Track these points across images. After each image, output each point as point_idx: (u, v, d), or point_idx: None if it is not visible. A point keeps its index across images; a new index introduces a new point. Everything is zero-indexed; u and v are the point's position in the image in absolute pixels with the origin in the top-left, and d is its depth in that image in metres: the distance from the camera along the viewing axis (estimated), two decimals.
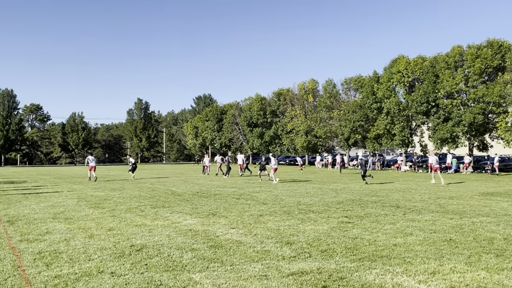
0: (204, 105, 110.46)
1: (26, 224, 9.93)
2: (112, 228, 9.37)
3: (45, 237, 8.42)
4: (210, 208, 12.79)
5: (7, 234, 8.77)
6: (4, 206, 13.42)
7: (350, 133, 49.06)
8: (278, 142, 65.54)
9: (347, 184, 23.09)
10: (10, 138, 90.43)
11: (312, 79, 59.00)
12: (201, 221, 10.35)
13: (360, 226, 9.70)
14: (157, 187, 21.43)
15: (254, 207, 13.01)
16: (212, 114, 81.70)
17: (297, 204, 13.78)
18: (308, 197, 16.23)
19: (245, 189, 19.93)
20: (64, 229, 9.26)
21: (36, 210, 12.41)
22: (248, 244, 7.75)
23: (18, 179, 29.66)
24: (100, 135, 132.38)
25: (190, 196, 16.63)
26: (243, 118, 69.80)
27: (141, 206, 13.47)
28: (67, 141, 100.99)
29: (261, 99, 67.78)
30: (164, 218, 10.84)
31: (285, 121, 62.60)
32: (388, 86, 44.14)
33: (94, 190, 19.62)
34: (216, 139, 79.86)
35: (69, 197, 16.41)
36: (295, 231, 9.10)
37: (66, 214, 11.57)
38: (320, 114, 54.40)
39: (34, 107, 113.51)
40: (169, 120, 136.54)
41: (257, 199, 15.30)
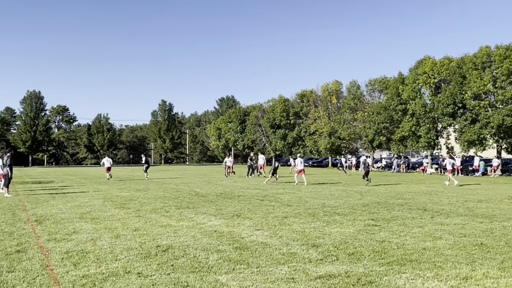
0: (227, 107, 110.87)
1: (53, 224, 10.05)
2: (138, 229, 9.42)
3: (72, 236, 8.51)
4: (234, 210, 12.76)
5: (35, 233, 8.89)
6: (32, 206, 13.64)
7: (375, 135, 48.56)
8: (301, 143, 65.30)
9: (371, 186, 22.82)
10: (37, 139, 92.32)
11: (336, 81, 58.65)
12: (225, 222, 10.32)
13: (387, 229, 9.53)
14: (181, 188, 21.53)
15: (278, 209, 12.94)
16: (235, 116, 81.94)
17: (322, 206, 13.65)
18: (332, 199, 16.07)
19: (268, 190, 19.86)
20: (90, 229, 9.35)
21: (63, 210, 12.58)
22: (273, 246, 7.68)
23: (45, 179, 30.20)
24: (125, 136, 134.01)
25: (214, 197, 16.65)
26: (266, 119, 69.80)
27: (166, 206, 13.53)
28: (92, 142, 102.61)
29: (284, 100, 67.69)
30: (189, 219, 10.85)
31: (308, 123, 62.34)
32: (413, 87, 43.50)
33: (120, 190, 19.82)
34: (239, 140, 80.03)
35: (95, 197, 16.60)
36: (321, 233, 8.99)
37: (92, 214, 11.69)
38: (344, 115, 54.00)
39: (60, 109, 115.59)
40: (192, 122, 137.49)
41: (281, 201, 15.22)
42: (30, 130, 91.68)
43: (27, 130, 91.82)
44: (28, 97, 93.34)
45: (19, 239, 8.21)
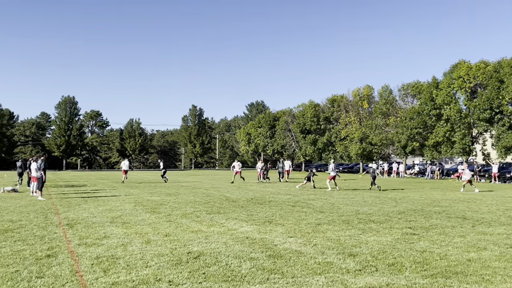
0: (256, 112, 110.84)
1: (84, 228, 10.00)
2: (169, 234, 9.25)
3: (103, 241, 8.40)
4: (265, 215, 12.49)
5: (66, 237, 8.82)
6: (64, 209, 13.69)
7: (407, 141, 47.54)
8: (331, 149, 64.54)
9: (406, 193, 22.19)
10: (71, 143, 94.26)
11: (367, 85, 57.73)
12: (257, 229, 10.06)
13: (426, 238, 9.09)
14: (212, 192, 21.39)
15: (311, 215, 12.60)
16: (264, 121, 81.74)
17: (356, 213, 13.25)
18: (366, 206, 15.62)
19: (299, 196, 19.53)
20: (121, 234, 9.23)
21: (95, 214, 12.56)
22: (308, 255, 7.37)
23: (78, 183, 30.61)
24: (156, 141, 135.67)
25: (245, 202, 16.42)
26: (296, 124, 69.33)
27: (196, 211, 13.37)
28: (124, 147, 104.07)
29: (315, 105, 67.08)
30: (220, 225, 10.64)
31: (339, 128, 61.56)
32: (448, 92, 42.40)
33: (150, 194, 19.82)
34: (269, 145, 79.74)
35: (126, 201, 16.60)
36: (357, 242, 8.64)
37: (123, 219, 11.62)
38: (376, 120, 53.08)
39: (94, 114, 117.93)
40: (222, 127, 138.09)
41: (313, 207, 14.87)
42: (64, 134, 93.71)
43: (61, 135, 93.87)
44: (63, 102, 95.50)
45: (50, 243, 8.15)
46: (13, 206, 14.72)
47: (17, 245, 7.95)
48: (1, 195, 18.98)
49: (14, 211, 13.26)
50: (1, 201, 16.28)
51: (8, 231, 9.49)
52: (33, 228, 9.97)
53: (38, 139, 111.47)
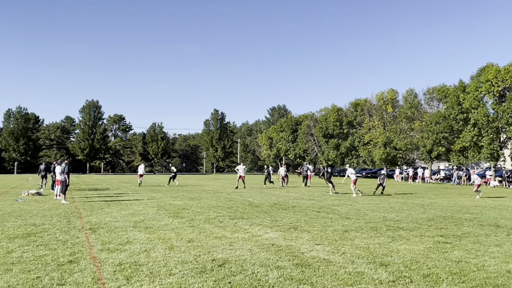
0: (278, 116, 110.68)
1: (107, 233, 9.86)
2: (192, 240, 9.03)
3: (126, 247, 8.22)
4: (290, 221, 12.19)
5: (88, 242, 8.68)
6: (87, 213, 13.62)
7: (433, 145, 46.63)
8: (354, 153, 63.85)
9: (433, 200, 21.60)
10: (95, 146, 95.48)
11: (391, 89, 56.97)
12: (282, 235, 9.78)
13: (460, 247, 8.68)
14: (234, 197, 21.17)
15: (337, 222, 12.26)
16: (286, 125, 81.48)
17: (383, 220, 12.84)
18: (393, 212, 15.18)
19: (323, 201, 19.16)
20: (144, 239, 9.05)
21: (117, 218, 12.44)
22: (337, 264, 7.05)
23: (101, 186, 30.76)
24: (178, 145, 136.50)
25: (268, 207, 16.14)
26: (318, 129, 68.84)
27: (219, 216, 13.15)
28: (147, 150, 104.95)
29: (337, 109, 66.53)
30: (244, 231, 10.39)
31: (362, 132, 60.87)
32: (475, 96, 41.44)
33: (173, 198, 19.69)
34: (291, 150, 79.37)
35: (149, 205, 16.49)
36: (388, 250, 8.28)
37: (146, 223, 11.46)
38: (400, 125, 52.24)
39: (117, 118, 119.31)
40: (243, 131, 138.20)
41: (338, 213, 14.51)
42: (88, 138, 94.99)
43: (85, 138, 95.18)
44: (87, 106, 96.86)
45: (72, 248, 8.00)
46: (36, 209, 14.73)
47: (39, 250, 7.83)
48: (26, 198, 19.10)
49: (38, 214, 13.24)
50: (25, 204, 16.35)
51: (31, 235, 9.41)
52: (56, 232, 9.87)
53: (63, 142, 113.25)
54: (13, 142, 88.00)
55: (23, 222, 11.50)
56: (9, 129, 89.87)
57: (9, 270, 6.40)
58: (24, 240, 8.81)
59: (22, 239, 8.98)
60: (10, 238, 9.09)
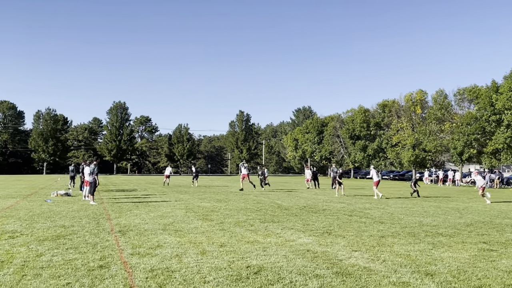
0: (303, 117, 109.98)
1: (137, 236, 9.64)
2: (224, 244, 8.74)
3: (157, 251, 7.97)
4: (323, 225, 11.79)
5: (118, 245, 8.47)
6: (116, 215, 13.48)
7: (464, 147, 45.41)
8: (382, 155, 62.82)
9: (467, 203, 20.86)
10: (122, 147, 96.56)
11: (420, 90, 55.82)
12: (317, 240, 9.40)
13: (507, 255, 8.16)
14: (262, 199, 20.85)
15: (371, 226, 11.80)
16: (312, 126, 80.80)
17: (420, 225, 12.32)
18: (428, 216, 14.61)
19: (354, 204, 18.67)
20: (175, 243, 8.80)
21: (146, 220, 12.26)
22: (380, 273, 6.64)
23: (128, 187, 30.84)
24: (203, 146, 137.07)
25: (298, 210, 15.76)
26: (344, 130, 68.00)
27: (249, 220, 12.84)
28: (173, 152, 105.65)
29: (364, 111, 65.59)
30: (276, 235, 10.04)
31: (390, 134, 59.83)
32: (509, 97, 40.15)
33: (201, 200, 19.49)
34: (316, 151, 78.66)
35: (177, 207, 16.31)
36: (430, 258, 7.82)
37: (175, 226, 11.23)
38: (430, 126, 51.08)
39: (143, 119, 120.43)
40: (268, 133, 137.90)
41: (371, 217, 14.03)
42: (115, 139, 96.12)
43: (112, 139, 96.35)
44: (114, 107, 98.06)
45: (103, 252, 7.79)
46: (65, 210, 14.69)
47: (69, 254, 7.64)
48: (54, 199, 19.16)
49: (67, 216, 13.17)
50: (55, 205, 16.35)
51: (61, 238, 9.26)
52: (85, 234, 9.71)
53: (90, 143, 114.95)
54: (42, 143, 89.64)
55: (52, 223, 11.41)
56: (39, 130, 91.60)
57: (38, 275, 6.20)
58: (53, 243, 8.66)
59: (51, 241, 8.84)
60: (40, 240, 8.96)
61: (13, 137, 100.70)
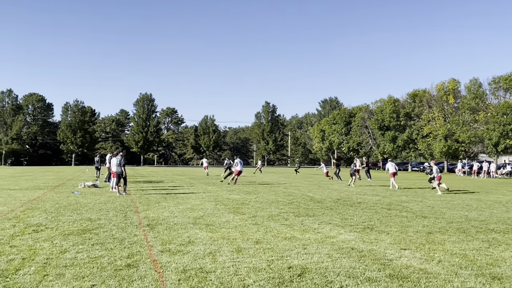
0: (330, 108, 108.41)
1: (166, 230, 9.07)
2: (260, 241, 8.08)
3: (188, 248, 7.36)
4: (362, 220, 11.03)
5: (147, 241, 7.90)
6: (143, 207, 12.98)
7: (500, 138, 43.73)
8: (412, 146, 61.23)
9: (509, 196, 19.75)
10: (148, 139, 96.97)
11: (453, 79, 54.07)
12: (359, 237, 8.66)
13: None
14: (292, 191, 20.15)
15: (414, 221, 10.98)
16: (340, 117, 79.44)
17: (466, 220, 11.44)
18: (472, 210, 13.68)
19: (389, 197, 17.81)
20: (207, 239, 8.19)
21: (175, 213, 11.70)
22: (439, 276, 5.89)
23: (155, 179, 30.53)
24: (229, 137, 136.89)
25: (332, 203, 15.01)
26: (373, 121, 66.53)
27: (283, 213, 12.16)
28: (199, 143, 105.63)
29: (394, 101, 63.97)
30: (314, 230, 9.34)
31: (421, 124, 58.22)
32: None
33: (230, 192, 18.90)
34: (344, 143, 77.38)
35: (206, 199, 15.75)
36: (491, 258, 7.01)
37: (206, 220, 10.63)
38: (463, 116, 49.39)
39: (170, 111, 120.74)
40: (293, 124, 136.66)
41: (411, 211, 13.19)
42: (142, 131, 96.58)
43: (139, 131, 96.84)
44: (141, 99, 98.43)
45: (130, 249, 7.23)
46: (92, 202, 14.27)
47: (95, 250, 7.10)
48: (82, 190, 18.85)
49: (93, 208, 12.72)
50: (81, 197, 15.99)
51: (86, 232, 8.75)
52: (112, 228, 9.19)
53: (118, 135, 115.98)
54: (70, 135, 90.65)
55: (78, 216, 10.95)
56: (67, 122, 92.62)
57: (61, 275, 5.66)
58: (79, 238, 8.15)
59: (77, 236, 8.34)
60: (65, 234, 8.47)
61: (42, 129, 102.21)
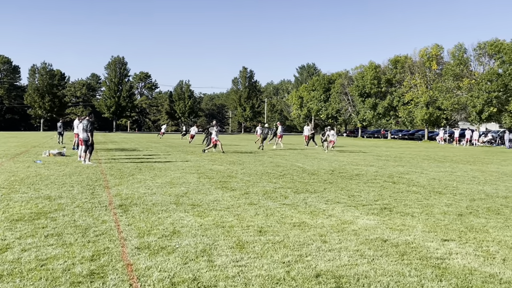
0: (307, 75, 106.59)
1: (143, 213, 7.30)
2: (263, 229, 6.38)
3: (173, 242, 5.61)
4: (373, 197, 9.45)
5: (119, 231, 6.11)
6: (115, 181, 11.10)
7: (484, 106, 42.84)
8: (393, 114, 60.20)
9: (506, 166, 18.59)
10: (121, 104, 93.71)
11: (436, 44, 52.72)
12: (382, 222, 7.07)
13: None
14: (279, 161, 18.52)
15: (432, 199, 9.47)
16: (318, 84, 77.76)
17: (488, 196, 10.01)
18: (483, 184, 12.31)
19: (385, 168, 16.39)
20: (196, 227, 6.45)
21: (153, 189, 9.90)
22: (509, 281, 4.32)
23: (129, 146, 28.51)
24: (204, 104, 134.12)
25: (329, 176, 13.42)
26: (354, 87, 65.03)
27: (278, 188, 10.49)
28: (174, 109, 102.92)
29: (375, 67, 62.42)
30: (324, 213, 7.71)
31: (402, 91, 57.04)
32: None
33: (212, 162, 17.12)
34: (323, 110, 76.00)
35: (186, 171, 13.95)
36: None
37: (191, 198, 8.88)
38: (446, 83, 48.28)
39: (143, 75, 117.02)
40: (270, 91, 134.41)
41: (419, 184, 11.73)
42: (114, 95, 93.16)
43: (111, 96, 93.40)
44: (113, 62, 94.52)
45: (96, 244, 5.42)
46: (55, 174, 12.33)
47: (48, 247, 5.27)
48: (45, 160, 16.78)
49: (56, 182, 10.79)
50: (44, 167, 14.00)
51: (41, 216, 6.90)
52: (75, 211, 7.36)
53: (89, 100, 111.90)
54: (38, 99, 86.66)
55: (35, 193, 9.05)
56: (34, 85, 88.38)
57: None
58: (30, 226, 6.29)
59: (28, 223, 6.48)
60: (13, 220, 6.60)
61: (9, 92, 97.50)
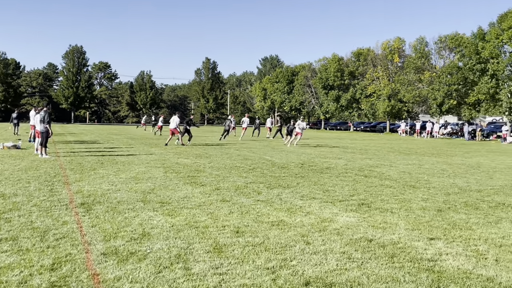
0: (270, 67, 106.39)
1: (108, 213, 6.73)
2: (240, 230, 5.95)
3: (144, 245, 5.10)
4: (348, 192, 9.18)
5: (82, 233, 5.55)
6: (76, 177, 10.40)
7: (444, 98, 43.66)
8: (356, 106, 60.73)
9: (469, 158, 18.81)
10: (79, 95, 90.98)
11: (398, 37, 53.40)
12: (363, 219, 6.77)
13: None
14: (247, 154, 18.11)
15: (407, 193, 9.28)
16: (282, 75, 77.66)
17: (461, 190, 9.90)
18: (453, 177, 12.26)
19: (354, 161, 16.24)
20: (167, 227, 5.95)
21: (117, 185, 9.30)
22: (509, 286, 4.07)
23: (89, 139, 27.45)
24: (166, 95, 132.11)
25: (299, 169, 13.12)
26: (317, 79, 65.20)
27: (250, 184, 10.07)
28: (135, 100, 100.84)
29: (338, 59, 62.74)
30: (301, 210, 7.35)
31: (365, 84, 57.56)
32: (495, 45, 38.14)
33: (177, 156, 16.52)
34: (286, 102, 76.01)
35: (151, 164, 13.34)
36: None
37: (159, 195, 8.35)
38: (408, 76, 48.97)
39: (102, 65, 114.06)
40: (232, 82, 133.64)
41: (391, 178, 11.57)
42: (72, 86, 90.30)
43: (69, 86, 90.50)
44: (71, 51, 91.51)
45: (56, 250, 4.85)
46: (10, 169, 11.50)
47: (0, 254, 4.67)
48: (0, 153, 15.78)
49: (10, 177, 10.01)
50: None
51: None
52: (32, 211, 6.72)
53: (45, 90, 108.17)
54: None
55: None
56: None
57: None
58: None
59: None
60: None
61: None
